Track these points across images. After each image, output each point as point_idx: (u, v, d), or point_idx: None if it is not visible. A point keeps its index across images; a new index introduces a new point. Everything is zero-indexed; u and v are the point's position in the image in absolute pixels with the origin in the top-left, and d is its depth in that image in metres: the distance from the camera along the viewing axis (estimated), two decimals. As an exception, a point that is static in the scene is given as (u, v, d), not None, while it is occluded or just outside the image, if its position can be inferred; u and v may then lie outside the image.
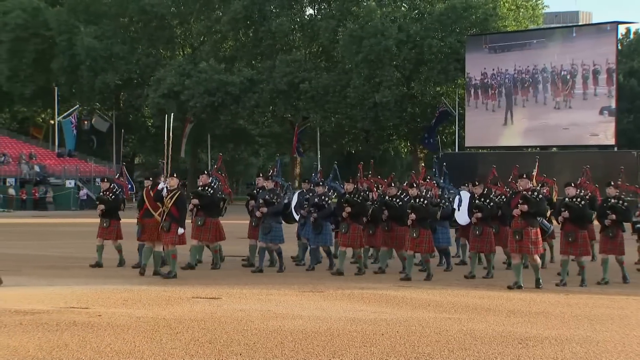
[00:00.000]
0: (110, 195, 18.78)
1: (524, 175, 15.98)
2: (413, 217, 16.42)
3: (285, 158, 66.15)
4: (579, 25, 65.71)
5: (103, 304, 12.59)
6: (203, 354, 9.21)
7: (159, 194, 16.40)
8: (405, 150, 65.90)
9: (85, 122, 64.92)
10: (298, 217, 19.04)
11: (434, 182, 18.88)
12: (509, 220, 15.97)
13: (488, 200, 17.25)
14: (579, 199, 16.18)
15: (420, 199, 16.66)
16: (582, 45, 49.64)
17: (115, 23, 63.16)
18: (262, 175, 19.37)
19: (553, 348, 9.76)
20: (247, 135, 66.29)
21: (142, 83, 62.02)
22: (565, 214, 15.97)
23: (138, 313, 11.77)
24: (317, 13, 62.46)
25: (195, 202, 17.88)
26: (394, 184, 18.34)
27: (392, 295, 14.10)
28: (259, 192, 18.55)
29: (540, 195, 15.92)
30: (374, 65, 55.37)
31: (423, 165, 37.61)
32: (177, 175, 16.70)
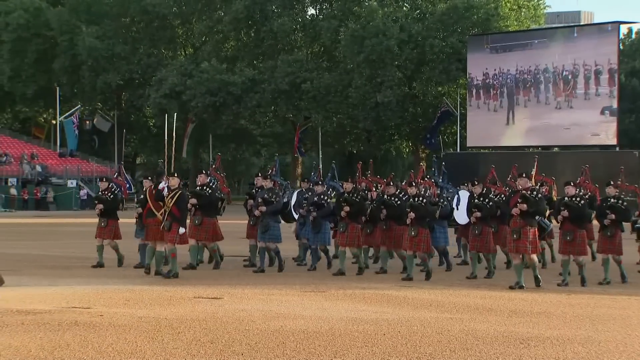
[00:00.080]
0: (109, 195, 18.77)
1: (523, 175, 15.97)
2: (412, 216, 16.41)
3: (287, 158, 66.17)
4: (581, 25, 65.62)
5: (105, 304, 12.59)
6: (205, 354, 9.21)
7: (160, 194, 16.42)
8: (407, 150, 65.85)
9: (87, 122, 64.98)
10: (297, 216, 19.04)
11: (433, 181, 18.87)
12: (508, 219, 15.97)
13: (487, 200, 17.25)
14: (579, 199, 16.18)
15: (419, 198, 16.65)
16: (583, 45, 49.59)
17: (117, 23, 63.16)
18: (260, 175, 19.35)
19: (555, 348, 9.75)
20: (248, 135, 66.33)
21: (143, 83, 62.01)
22: (565, 213, 15.95)
23: (140, 313, 11.77)
24: (318, 13, 62.44)
25: (194, 201, 17.85)
26: (393, 183, 18.35)
27: (393, 295, 14.09)
28: (258, 191, 18.53)
29: (540, 195, 15.90)
30: (376, 65, 55.35)
31: (422, 164, 37.56)
32: (178, 175, 16.71)
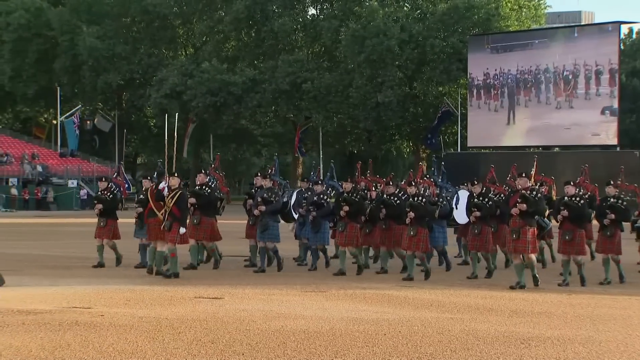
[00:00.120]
0: (108, 195, 18.76)
1: (523, 174, 15.94)
2: (412, 215, 16.41)
3: (288, 158, 66.17)
4: (581, 25, 65.57)
5: (105, 304, 12.59)
6: (205, 354, 9.21)
7: (160, 194, 16.43)
8: (408, 150, 65.86)
9: (88, 122, 65.02)
10: (297, 216, 19.02)
11: (432, 180, 18.86)
12: (508, 219, 15.95)
13: (487, 199, 17.24)
14: (578, 198, 16.17)
15: (419, 198, 16.64)
16: (584, 45, 49.58)
17: (118, 23, 63.19)
18: (260, 174, 19.33)
19: (555, 348, 9.75)
20: (249, 135, 66.35)
21: (144, 83, 62.04)
22: (565, 213, 15.94)
23: (140, 313, 11.77)
24: (319, 13, 62.44)
25: (192, 201, 17.83)
26: (392, 183, 18.35)
27: (394, 295, 14.09)
28: (257, 191, 18.53)
29: (539, 195, 15.87)
30: (377, 65, 55.35)
31: (420, 164, 37.53)
32: (178, 175, 16.72)
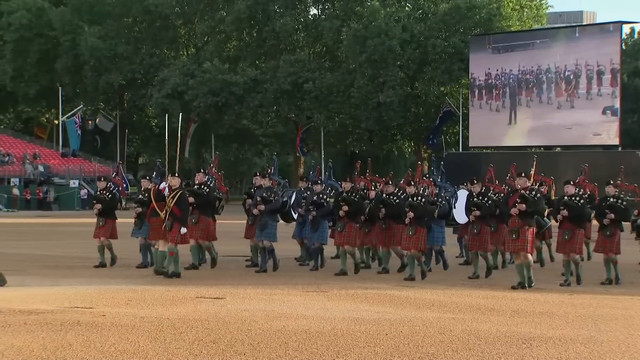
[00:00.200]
0: (107, 195, 18.75)
1: (523, 174, 15.92)
2: (411, 215, 16.40)
3: (289, 158, 66.16)
4: (582, 25, 65.54)
5: (107, 304, 12.59)
6: (207, 354, 9.21)
7: (160, 194, 16.44)
8: (409, 150, 65.88)
9: (89, 122, 65.08)
10: (296, 215, 18.99)
11: (432, 180, 18.85)
12: (507, 219, 15.92)
13: (486, 199, 17.23)
14: (578, 198, 16.15)
15: (418, 197, 16.63)
16: (586, 45, 49.58)
17: (119, 23, 63.23)
18: (259, 174, 19.31)
19: (557, 348, 9.75)
20: (250, 135, 66.37)
21: (146, 83, 62.08)
22: (564, 213, 15.93)
23: (142, 313, 11.77)
24: (321, 13, 62.46)
25: (191, 200, 17.83)
26: (391, 182, 18.34)
27: (395, 295, 14.08)
28: (256, 190, 18.51)
29: (538, 195, 15.84)
30: (378, 65, 55.36)
31: (419, 163, 37.50)
32: (179, 175, 16.72)
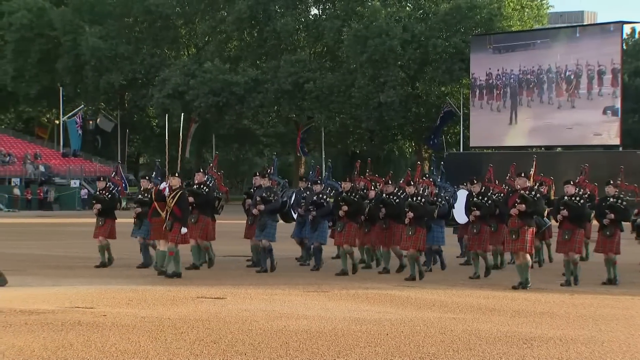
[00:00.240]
0: (107, 195, 18.76)
1: (522, 174, 15.90)
2: (411, 215, 16.39)
3: (290, 158, 66.15)
4: (583, 25, 65.53)
5: (108, 304, 12.59)
6: (208, 354, 9.21)
7: (160, 194, 16.45)
8: (410, 150, 65.89)
9: (90, 122, 65.13)
10: (296, 215, 18.98)
11: (431, 180, 18.84)
12: (507, 219, 15.91)
13: (486, 199, 17.22)
14: (578, 198, 16.14)
15: (418, 197, 16.63)
16: (586, 45, 49.58)
17: (120, 23, 63.25)
18: (258, 174, 19.31)
19: (558, 348, 9.75)
20: (251, 135, 66.38)
21: (146, 83, 62.11)
22: (564, 213, 15.92)
23: (143, 313, 11.77)
24: (321, 13, 62.48)
25: (190, 200, 17.83)
26: (391, 182, 18.34)
27: (396, 295, 14.08)
28: (256, 190, 18.51)
29: (538, 195, 15.82)
30: (379, 65, 55.37)
31: (419, 163, 37.52)
32: (179, 175, 16.72)
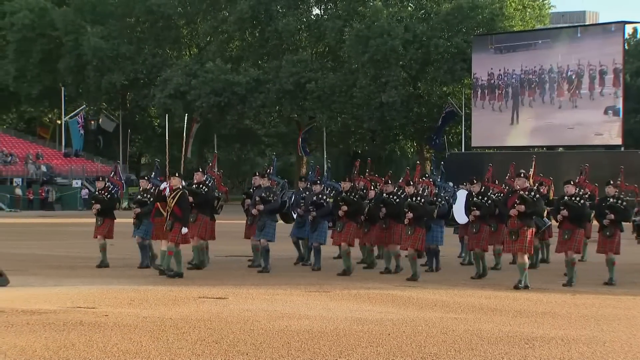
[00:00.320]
0: (106, 195, 18.78)
1: (522, 174, 15.87)
2: (410, 216, 16.38)
3: (292, 158, 66.14)
4: (585, 25, 65.49)
5: (110, 304, 12.60)
6: (209, 354, 9.22)
7: (160, 194, 16.46)
8: (412, 150, 65.86)
9: (92, 122, 65.09)
10: (295, 215, 18.98)
11: (431, 180, 18.82)
12: (506, 219, 15.90)
13: (486, 198, 17.21)
14: (578, 198, 16.13)
15: (417, 197, 16.62)
16: (588, 45, 49.57)
17: (122, 23, 63.25)
18: (258, 174, 19.31)
19: (560, 348, 9.75)
20: (253, 135, 66.37)
21: (148, 83, 62.12)
22: (564, 213, 15.90)
23: (144, 313, 11.78)
24: (323, 13, 62.47)
25: (190, 199, 17.81)
26: (391, 182, 18.34)
27: (398, 295, 14.09)
28: (255, 190, 18.50)
29: (537, 195, 15.79)
30: (380, 65, 55.36)
31: (418, 163, 37.51)
32: (179, 175, 16.73)
